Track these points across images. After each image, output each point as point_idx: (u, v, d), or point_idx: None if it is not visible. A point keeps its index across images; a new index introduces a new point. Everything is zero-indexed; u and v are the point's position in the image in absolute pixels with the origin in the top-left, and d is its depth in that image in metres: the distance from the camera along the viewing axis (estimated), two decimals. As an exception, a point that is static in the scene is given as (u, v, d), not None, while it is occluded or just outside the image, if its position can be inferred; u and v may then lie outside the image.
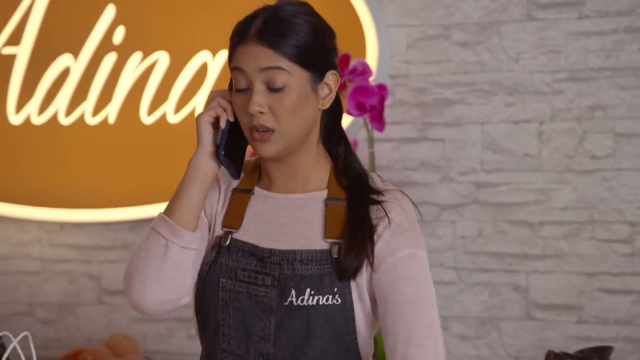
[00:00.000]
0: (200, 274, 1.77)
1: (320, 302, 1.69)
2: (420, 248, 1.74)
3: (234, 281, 1.73)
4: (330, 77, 1.73)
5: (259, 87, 1.67)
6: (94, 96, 3.37)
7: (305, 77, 1.69)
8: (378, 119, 2.82)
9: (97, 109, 3.38)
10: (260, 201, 1.78)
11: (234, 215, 1.78)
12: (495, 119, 3.06)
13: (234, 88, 1.71)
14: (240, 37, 1.70)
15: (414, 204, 1.77)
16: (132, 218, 3.34)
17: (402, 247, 1.71)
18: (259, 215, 1.77)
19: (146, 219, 3.32)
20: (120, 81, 3.35)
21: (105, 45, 3.36)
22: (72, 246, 3.46)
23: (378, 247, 1.70)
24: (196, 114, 3.23)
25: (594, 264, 2.98)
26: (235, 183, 1.81)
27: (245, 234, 1.76)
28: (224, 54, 3.22)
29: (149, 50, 3.33)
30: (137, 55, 3.34)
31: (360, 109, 2.80)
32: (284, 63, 1.67)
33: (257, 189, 1.79)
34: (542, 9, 3.02)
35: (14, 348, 1.48)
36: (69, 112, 3.40)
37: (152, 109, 3.33)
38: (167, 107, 3.30)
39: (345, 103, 2.81)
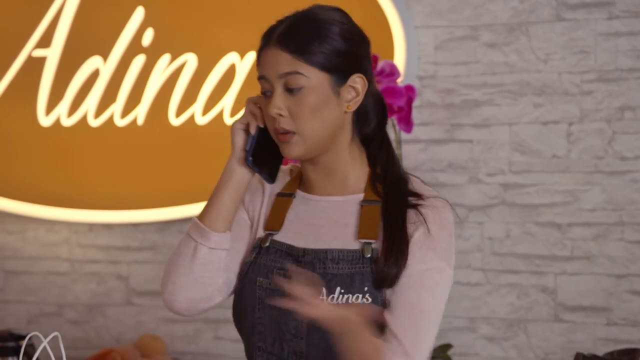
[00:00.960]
0: (240, 274, 1.82)
1: (350, 301, 1.71)
2: (449, 266, 1.76)
3: (270, 280, 1.77)
4: (357, 80, 1.75)
5: (279, 91, 1.71)
6: (122, 98, 3.39)
7: (325, 80, 1.71)
8: (406, 121, 2.82)
9: (126, 111, 3.39)
10: (302, 204, 1.82)
11: (276, 217, 1.82)
12: (524, 120, 3.05)
13: (261, 93, 1.76)
14: (263, 42, 1.75)
15: (455, 212, 1.79)
16: (160, 219, 3.36)
17: (433, 258, 1.73)
18: (299, 217, 1.81)
19: (175, 220, 3.34)
20: (149, 83, 3.37)
21: (134, 47, 3.38)
22: (101, 247, 3.48)
23: (411, 253, 1.72)
24: (224, 116, 3.26)
25: (623, 266, 2.96)
26: (278, 187, 1.86)
27: (285, 235, 1.80)
28: (251, 56, 3.23)
29: (178, 52, 3.34)
30: (166, 57, 3.35)
31: (388, 110, 2.80)
32: (302, 67, 1.70)
33: (298, 192, 1.83)
34: (571, 9, 3.01)
35: (44, 348, 1.49)
36: (98, 113, 3.42)
37: (180, 110, 3.34)
38: (196, 109, 3.32)
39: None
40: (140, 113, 3.38)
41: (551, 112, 3.03)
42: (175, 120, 3.34)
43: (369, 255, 1.72)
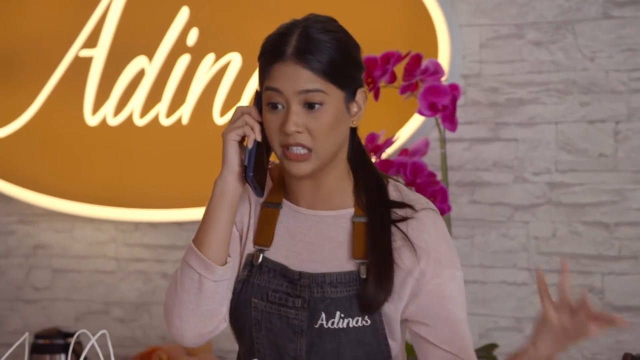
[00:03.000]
0: (233, 293, 1.77)
1: (351, 325, 1.69)
2: (457, 268, 1.73)
3: (265, 302, 1.73)
4: (360, 95, 1.72)
5: (296, 108, 1.66)
6: (168, 97, 3.41)
7: (340, 97, 1.68)
8: (450, 119, 2.81)
9: (171, 110, 3.42)
10: (290, 216, 1.77)
11: (265, 232, 1.77)
12: (570, 118, 3.02)
13: (267, 104, 1.69)
14: (276, 56, 1.68)
15: (441, 218, 1.74)
16: (205, 218, 3.37)
17: (443, 269, 1.70)
18: (289, 232, 1.76)
19: (219, 219, 3.35)
20: (193, 82, 3.39)
21: (179, 47, 3.40)
22: (147, 246, 3.50)
23: (413, 278, 1.69)
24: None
25: (672, 266, 2.93)
26: (262, 195, 1.79)
27: (276, 252, 1.75)
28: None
29: (222, 51, 3.36)
30: (210, 57, 3.37)
31: (432, 109, 2.79)
32: (323, 85, 1.66)
33: (285, 202, 1.78)
34: (618, 6, 2.97)
35: (92, 346, 1.50)
36: (143, 113, 3.45)
37: (224, 109, 3.35)
38: (240, 108, 3.33)
39: (418, 103, 2.81)
40: (185, 112, 3.40)
41: (598, 110, 3.00)
42: (219, 120, 3.36)
43: (364, 276, 1.69)
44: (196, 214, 3.38)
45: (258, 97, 1.73)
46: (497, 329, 3.06)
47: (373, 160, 2.36)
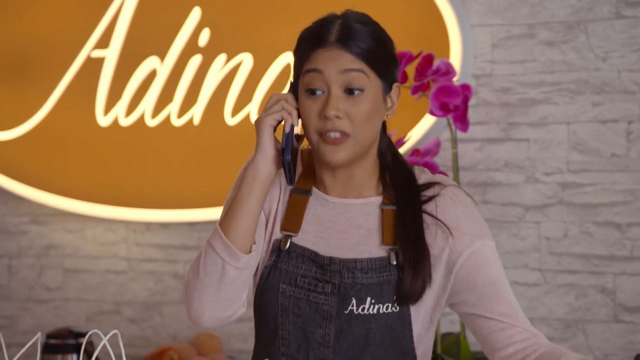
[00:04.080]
0: (260, 278, 1.77)
1: (381, 311, 1.70)
2: (489, 238, 1.74)
3: (294, 287, 1.73)
4: (394, 90, 1.75)
5: (337, 92, 1.68)
6: (179, 98, 3.42)
7: (379, 86, 1.71)
8: (462, 119, 2.80)
9: (183, 111, 3.42)
10: (319, 204, 1.78)
11: (293, 218, 1.77)
12: (582, 118, 3.01)
13: (307, 89, 1.71)
14: (318, 42, 1.71)
15: (467, 193, 1.76)
16: (216, 218, 3.36)
17: (472, 241, 1.70)
18: (317, 219, 1.77)
19: (231, 219, 3.35)
20: (205, 83, 3.39)
21: (190, 48, 3.41)
22: (158, 246, 3.51)
23: (445, 257, 1.70)
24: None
25: (684, 267, 2.92)
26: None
27: (305, 238, 1.76)
28: (307, 55, 3.23)
29: (234, 52, 3.36)
30: (222, 57, 3.37)
31: (443, 109, 2.79)
32: (364, 67, 1.68)
33: (314, 190, 1.79)
34: (631, 6, 2.97)
35: (103, 346, 1.51)
36: (155, 113, 3.45)
37: (236, 110, 3.36)
38: (251, 108, 3.33)
39: (429, 103, 2.81)
40: (196, 113, 3.40)
41: (610, 110, 2.99)
42: (231, 120, 3.36)
43: (394, 262, 1.70)
44: (207, 214, 3.38)
45: (293, 87, 1.75)
46: (508, 330, 3.05)
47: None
